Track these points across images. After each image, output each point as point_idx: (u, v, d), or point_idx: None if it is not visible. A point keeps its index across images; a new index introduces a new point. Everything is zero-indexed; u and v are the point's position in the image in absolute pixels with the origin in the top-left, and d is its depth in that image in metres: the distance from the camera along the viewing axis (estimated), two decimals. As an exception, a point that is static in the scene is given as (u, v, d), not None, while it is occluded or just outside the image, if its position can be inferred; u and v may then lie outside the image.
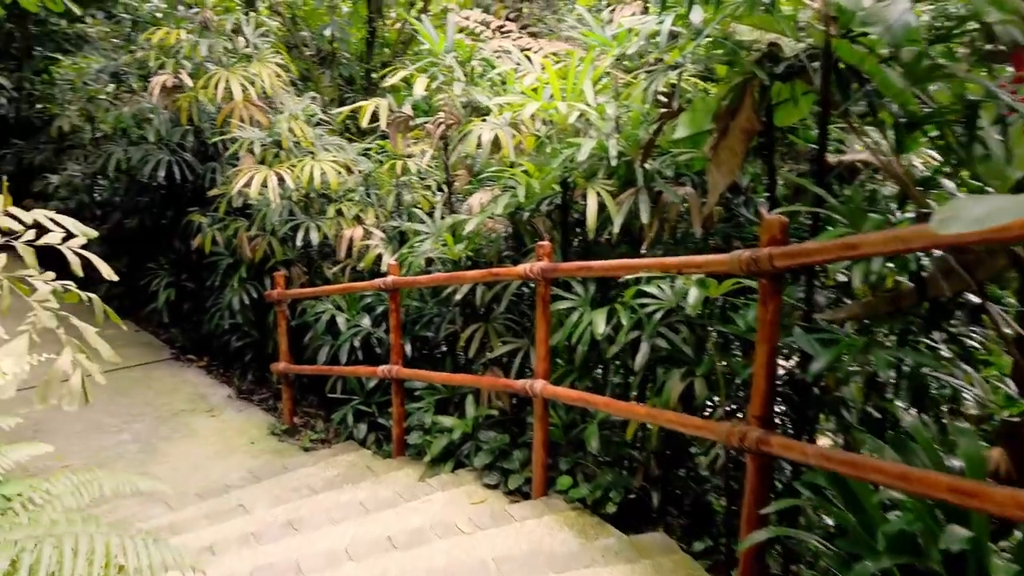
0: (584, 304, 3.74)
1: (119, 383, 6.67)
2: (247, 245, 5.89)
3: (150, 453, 5.44)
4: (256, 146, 5.49)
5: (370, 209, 5.83)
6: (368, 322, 5.52)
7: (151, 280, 7.29)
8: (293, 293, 5.45)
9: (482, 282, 4.19)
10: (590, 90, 3.76)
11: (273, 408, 6.29)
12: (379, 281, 4.63)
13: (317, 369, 5.43)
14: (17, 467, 5.12)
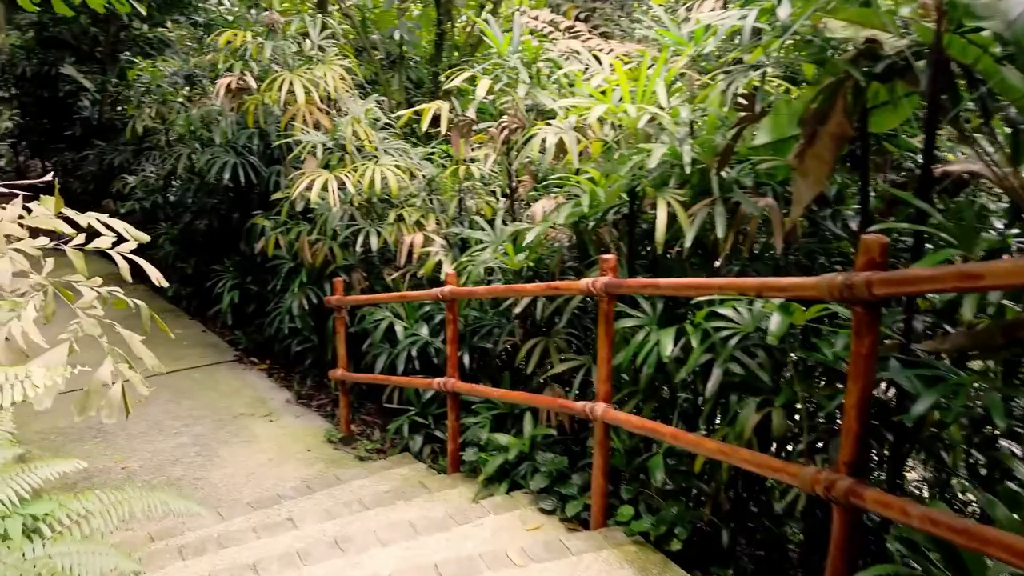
0: (651, 323, 3.47)
1: (183, 383, 6.72)
2: (308, 249, 5.82)
3: (208, 457, 5.41)
4: (318, 150, 5.41)
5: (431, 215, 5.68)
6: (426, 331, 5.37)
7: (217, 282, 7.33)
8: (351, 300, 5.35)
9: (542, 295, 3.97)
10: (663, 92, 3.49)
11: (331, 414, 6.21)
12: (436, 291, 4.46)
13: (373, 378, 5.31)
14: (80, 471, 5.16)
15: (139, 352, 3.05)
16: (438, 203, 5.84)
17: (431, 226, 5.60)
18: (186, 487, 4.98)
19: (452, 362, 4.54)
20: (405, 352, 5.30)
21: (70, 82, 12.02)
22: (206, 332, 8.03)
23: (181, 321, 8.37)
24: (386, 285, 5.86)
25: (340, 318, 5.55)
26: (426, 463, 5.15)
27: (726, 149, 3.24)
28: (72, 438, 5.65)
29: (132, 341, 3.04)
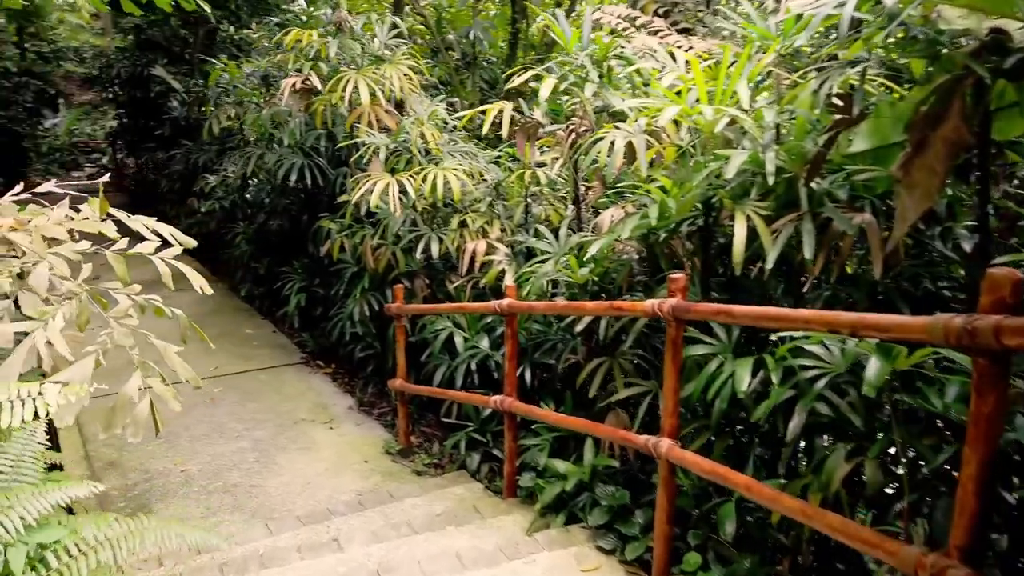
0: (725, 351, 3.10)
1: (249, 385, 6.69)
2: (370, 254, 5.65)
3: (265, 464, 5.32)
4: (381, 152, 5.23)
5: (496, 221, 5.42)
6: (487, 344, 5.11)
7: (285, 283, 7.29)
8: (410, 308, 5.14)
9: (604, 315, 3.64)
10: (745, 92, 3.11)
11: (391, 424, 6.03)
12: (494, 304, 4.19)
13: (430, 391, 5.09)
14: (142, 472, 5.14)
15: (173, 364, 2.89)
16: (503, 209, 5.57)
17: (495, 233, 5.34)
18: (241, 495, 4.89)
19: (510, 379, 4.26)
20: (464, 365, 5.06)
21: (160, 83, 12.37)
22: (276, 333, 8.04)
23: (253, 321, 8.41)
24: (448, 293, 5.64)
25: (400, 326, 5.36)
26: (483, 483, 4.89)
27: (817, 157, 2.84)
28: (136, 438, 5.66)
29: (167, 352, 2.89)
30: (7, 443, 2.59)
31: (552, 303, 3.75)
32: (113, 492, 4.91)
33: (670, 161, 3.75)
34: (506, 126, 4.19)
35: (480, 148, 6.39)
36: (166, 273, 3.09)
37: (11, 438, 2.61)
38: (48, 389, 2.24)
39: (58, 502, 2.36)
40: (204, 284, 3.29)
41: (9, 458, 2.52)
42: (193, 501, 4.81)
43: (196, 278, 3.22)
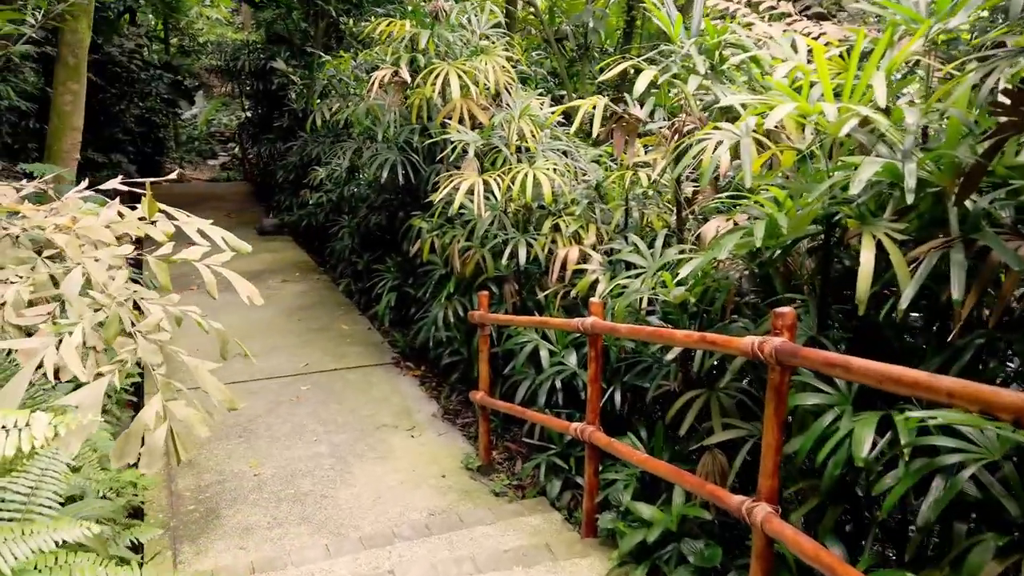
0: (842, 403, 2.53)
1: (336, 384, 6.56)
2: (458, 257, 5.34)
3: (340, 473, 5.12)
4: (471, 149, 4.89)
5: (592, 226, 4.96)
6: (574, 360, 4.68)
7: (378, 280, 7.12)
8: (493, 318, 4.78)
9: (695, 347, 3.13)
10: (881, 87, 2.51)
11: (474, 436, 5.71)
12: (576, 322, 3.75)
13: (509, 408, 4.71)
14: (216, 473, 5.05)
15: (205, 384, 2.65)
16: (601, 213, 5.11)
17: (590, 239, 4.89)
18: (310, 505, 4.70)
19: (592, 406, 3.82)
20: (549, 382, 4.66)
21: (281, 76, 12.63)
22: (371, 330, 7.91)
23: (351, 316, 8.34)
24: (538, 303, 5.25)
25: (484, 335, 5.01)
26: (562, 513, 4.47)
27: (975, 168, 2.23)
28: (216, 436, 5.63)
29: (199, 372, 2.65)
30: (17, 473, 2.41)
31: (636, 328, 3.27)
32: (186, 493, 4.84)
33: (787, 168, 3.19)
34: (597, 121, 3.73)
35: (586, 146, 5.95)
36: (211, 282, 2.86)
37: (23, 464, 2.43)
38: (36, 419, 2.01)
39: (56, 541, 2.14)
40: (254, 293, 3.04)
41: (19, 490, 2.33)
42: (261, 509, 4.66)
43: (244, 287, 2.97)
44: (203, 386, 2.61)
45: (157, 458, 2.39)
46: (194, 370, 2.62)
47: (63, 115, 6.46)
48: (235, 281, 2.92)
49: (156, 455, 2.38)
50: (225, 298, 8.39)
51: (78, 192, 3.22)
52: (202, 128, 25.28)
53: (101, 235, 2.96)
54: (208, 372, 2.64)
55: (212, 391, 2.62)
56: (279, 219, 12.49)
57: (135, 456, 2.38)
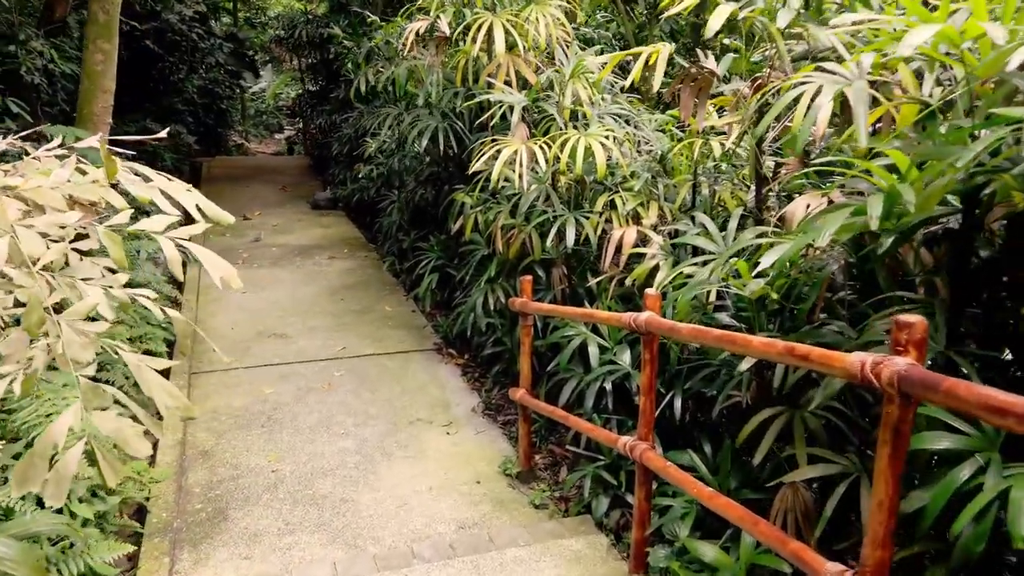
0: (987, 449, 1.82)
1: (372, 371, 6.07)
2: (500, 236, 4.72)
3: (365, 472, 4.61)
4: (516, 112, 4.25)
5: (653, 204, 4.27)
6: (628, 359, 4.03)
7: (420, 260, 6.57)
8: (535, 307, 4.15)
9: (777, 360, 2.45)
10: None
11: (516, 436, 5.12)
12: (628, 317, 3.09)
13: (551, 411, 4.09)
14: (231, 467, 4.61)
15: (150, 388, 2.11)
16: (665, 189, 4.40)
17: (651, 219, 4.21)
18: (328, 510, 4.21)
19: (646, 419, 3.16)
20: (598, 383, 4.02)
21: (338, 44, 12.18)
22: (415, 313, 7.39)
23: (395, 297, 7.84)
24: (591, 290, 4.60)
25: (526, 326, 4.40)
26: (609, 536, 3.85)
27: None
28: (241, 422, 5.20)
29: (142, 373, 2.11)
30: None
31: (702, 330, 2.59)
32: (195, 488, 4.41)
33: (905, 127, 2.44)
34: (659, 73, 3.03)
35: (648, 112, 5.23)
36: (174, 258, 2.31)
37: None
38: None
39: None
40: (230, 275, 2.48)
41: None
42: (274, 511, 4.19)
43: (217, 266, 2.41)
44: (147, 389, 2.08)
45: (65, 488, 1.87)
46: (135, 369, 2.08)
47: (93, 76, 6.09)
48: (206, 259, 2.37)
49: (64, 485, 1.86)
50: (274, 275, 7.95)
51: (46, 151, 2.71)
52: (269, 102, 25.28)
53: (49, 199, 2.43)
54: (154, 372, 2.11)
55: (158, 395, 2.09)
56: (333, 193, 12.12)
57: (39, 483, 1.86)
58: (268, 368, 6.10)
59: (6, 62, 8.96)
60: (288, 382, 5.85)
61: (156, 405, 2.16)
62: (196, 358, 6.23)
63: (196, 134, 15.40)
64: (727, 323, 3.27)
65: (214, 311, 7.36)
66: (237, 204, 12.10)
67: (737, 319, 3.27)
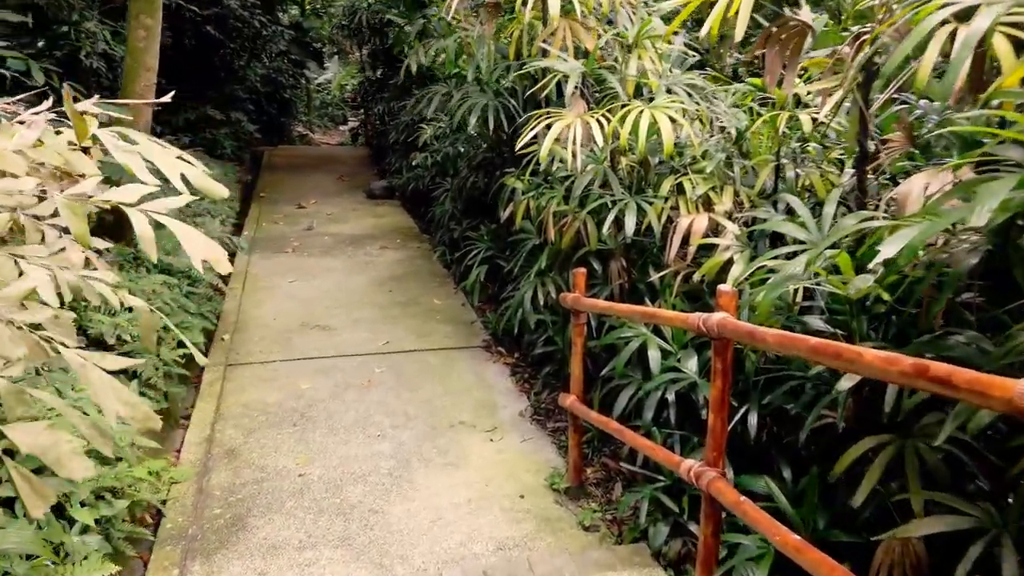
0: None
1: (414, 368, 5.67)
2: (552, 224, 4.24)
3: (398, 480, 4.21)
4: (571, 82, 3.76)
5: (728, 188, 3.72)
6: (695, 366, 3.49)
7: (470, 251, 6.13)
8: (588, 303, 3.65)
9: (897, 381, 1.89)
10: None
11: (566, 445, 4.65)
12: (696, 318, 2.57)
13: (604, 423, 3.59)
14: (257, 470, 4.27)
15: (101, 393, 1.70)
16: (742, 172, 3.84)
17: (725, 205, 3.66)
18: (355, 522, 3.82)
19: (715, 442, 2.64)
20: (658, 393, 3.50)
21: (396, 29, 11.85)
22: (464, 307, 6.97)
23: (444, 290, 7.43)
24: (653, 286, 4.07)
25: (578, 324, 3.90)
26: (668, 573, 3.33)
27: None
28: (273, 420, 4.86)
29: (88, 373, 1.71)
30: None
31: (793, 337, 2.04)
32: (216, 491, 4.08)
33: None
34: (742, 20, 2.48)
35: (724, 84, 4.66)
36: (146, 237, 1.92)
37: None
38: None
39: None
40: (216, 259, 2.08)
41: None
42: (297, 521, 3.82)
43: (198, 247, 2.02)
44: (93, 394, 1.68)
45: (41, 498, 1.48)
46: (81, 370, 1.69)
47: (136, 53, 5.85)
48: (185, 237, 1.98)
49: (40, 495, 1.47)
50: (323, 264, 7.61)
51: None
52: (335, 93, 25.30)
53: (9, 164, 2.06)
54: (103, 374, 1.70)
55: (107, 401, 1.69)
56: (388, 182, 11.81)
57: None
58: (307, 362, 5.76)
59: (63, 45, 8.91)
60: (326, 377, 5.50)
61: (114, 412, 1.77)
62: (234, 349, 5.95)
63: (258, 123, 15.35)
64: (818, 328, 2.71)
65: (259, 300, 7.09)
66: (294, 193, 11.94)
67: (832, 324, 2.71)
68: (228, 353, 5.86)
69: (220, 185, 2.22)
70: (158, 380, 4.67)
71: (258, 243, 9.10)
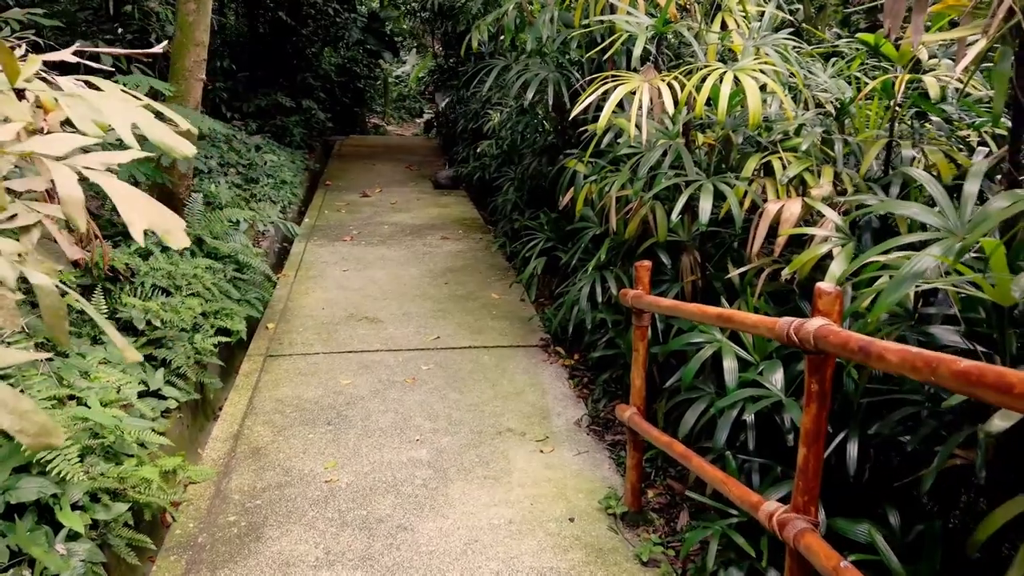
0: None
1: (464, 366, 5.23)
2: (614, 210, 3.70)
3: (433, 492, 3.76)
4: (639, 43, 3.21)
5: (827, 169, 3.10)
6: (780, 381, 2.89)
7: (528, 241, 5.64)
8: (652, 301, 3.10)
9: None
10: None
11: (625, 462, 4.10)
12: (785, 324, 1.99)
13: (668, 444, 3.03)
14: (282, 472, 3.89)
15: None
16: (845, 150, 3.21)
17: (822, 189, 3.04)
18: (380, 539, 3.39)
19: (805, 482, 2.06)
20: (734, 412, 2.92)
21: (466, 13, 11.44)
22: (523, 302, 6.48)
23: (503, 284, 6.95)
24: (732, 284, 3.48)
25: (641, 327, 3.35)
26: (739, 628, 2.77)
27: None
28: (306, 417, 4.49)
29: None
30: None
31: (930, 357, 1.45)
32: (235, 495, 3.71)
33: None
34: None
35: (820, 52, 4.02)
36: (72, 198, 1.51)
37: None
38: None
39: None
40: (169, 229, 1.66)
41: None
42: (317, 534, 3.42)
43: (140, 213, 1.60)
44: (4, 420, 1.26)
45: None
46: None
47: (185, 27, 5.59)
48: (121, 197, 1.55)
49: None
50: (380, 253, 7.22)
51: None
52: (412, 85, 25.21)
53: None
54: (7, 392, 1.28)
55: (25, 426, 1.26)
56: (455, 172, 11.43)
57: None
58: (350, 355, 5.39)
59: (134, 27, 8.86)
60: (369, 373, 5.11)
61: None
62: (276, 339, 5.63)
63: (331, 112, 15.25)
64: (950, 343, 2.10)
65: (309, 288, 6.79)
66: (360, 181, 11.71)
67: (969, 338, 2.09)
68: (270, 343, 5.54)
69: (186, 141, 1.79)
70: (188, 370, 4.36)
71: (317, 230, 8.85)
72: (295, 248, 8.05)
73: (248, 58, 12.33)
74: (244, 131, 10.89)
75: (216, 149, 9.02)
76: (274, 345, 5.52)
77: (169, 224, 1.64)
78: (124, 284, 4.80)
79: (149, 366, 4.20)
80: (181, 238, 1.67)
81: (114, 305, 4.43)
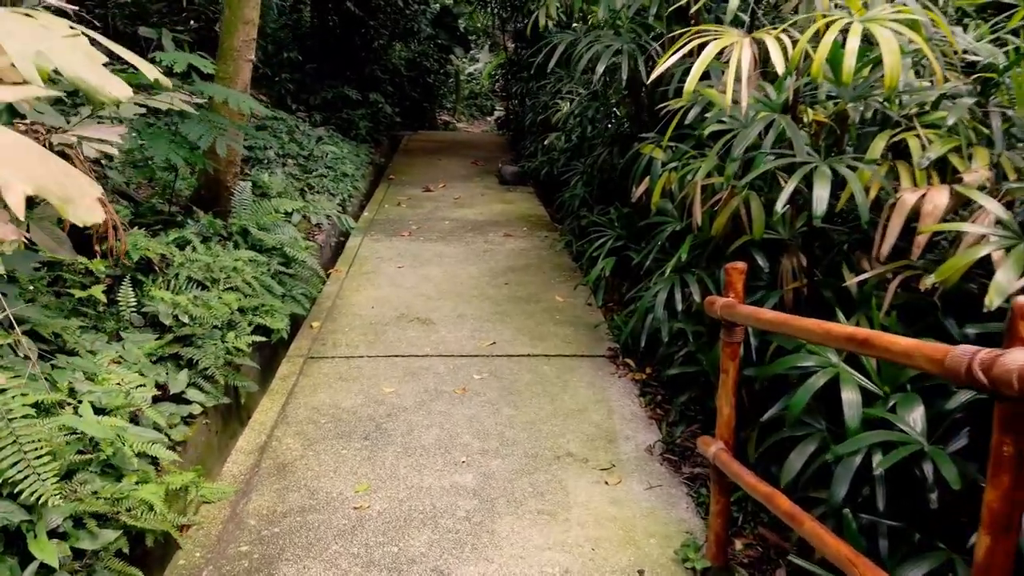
0: None
1: (522, 377, 4.67)
2: (699, 201, 3.07)
3: (477, 528, 3.22)
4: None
5: (980, 151, 2.42)
6: (919, 423, 2.22)
7: (596, 239, 5.03)
8: (747, 312, 2.46)
9: None
10: None
11: (706, 503, 3.46)
12: (963, 356, 1.35)
13: (766, 495, 2.39)
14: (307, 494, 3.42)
15: None
16: (1004, 126, 2.52)
17: (975, 175, 2.36)
18: (410, 585, 2.86)
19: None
20: (856, 458, 2.26)
21: (541, 3, 10.91)
22: (590, 307, 5.87)
23: (569, 286, 6.36)
24: (848, 293, 2.81)
25: (731, 344, 2.72)
26: None
27: None
28: (342, 429, 4.02)
29: None
30: None
31: None
32: (251, 520, 3.25)
33: None
34: None
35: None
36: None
37: None
38: None
39: None
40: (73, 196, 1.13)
41: None
42: (338, 574, 2.91)
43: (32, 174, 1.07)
44: None
45: None
46: None
47: (233, 5, 5.22)
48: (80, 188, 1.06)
49: None
50: (438, 250, 6.66)
51: None
52: (484, 82, 24.84)
53: None
54: None
55: None
56: (521, 167, 10.90)
57: None
58: (397, 360, 4.90)
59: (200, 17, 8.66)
60: (415, 380, 4.61)
61: None
62: (320, 339, 5.20)
63: (399, 107, 14.94)
64: None
65: (360, 285, 6.36)
66: (424, 176, 11.32)
67: None
68: (313, 343, 5.11)
69: (116, 80, 1.29)
70: (217, 371, 3.93)
71: (375, 225, 8.45)
72: (351, 242, 7.66)
73: (316, 50, 12.09)
74: (307, 123, 10.62)
75: (276, 139, 8.73)
76: (316, 346, 5.08)
77: (71, 192, 1.14)
78: (157, 276, 4.44)
79: (172, 366, 3.80)
80: (88, 210, 1.18)
81: (141, 299, 4.05)
